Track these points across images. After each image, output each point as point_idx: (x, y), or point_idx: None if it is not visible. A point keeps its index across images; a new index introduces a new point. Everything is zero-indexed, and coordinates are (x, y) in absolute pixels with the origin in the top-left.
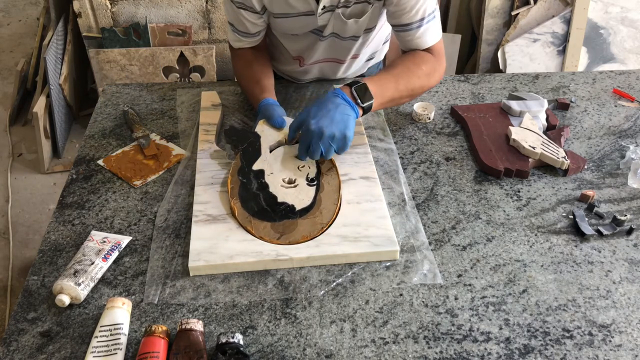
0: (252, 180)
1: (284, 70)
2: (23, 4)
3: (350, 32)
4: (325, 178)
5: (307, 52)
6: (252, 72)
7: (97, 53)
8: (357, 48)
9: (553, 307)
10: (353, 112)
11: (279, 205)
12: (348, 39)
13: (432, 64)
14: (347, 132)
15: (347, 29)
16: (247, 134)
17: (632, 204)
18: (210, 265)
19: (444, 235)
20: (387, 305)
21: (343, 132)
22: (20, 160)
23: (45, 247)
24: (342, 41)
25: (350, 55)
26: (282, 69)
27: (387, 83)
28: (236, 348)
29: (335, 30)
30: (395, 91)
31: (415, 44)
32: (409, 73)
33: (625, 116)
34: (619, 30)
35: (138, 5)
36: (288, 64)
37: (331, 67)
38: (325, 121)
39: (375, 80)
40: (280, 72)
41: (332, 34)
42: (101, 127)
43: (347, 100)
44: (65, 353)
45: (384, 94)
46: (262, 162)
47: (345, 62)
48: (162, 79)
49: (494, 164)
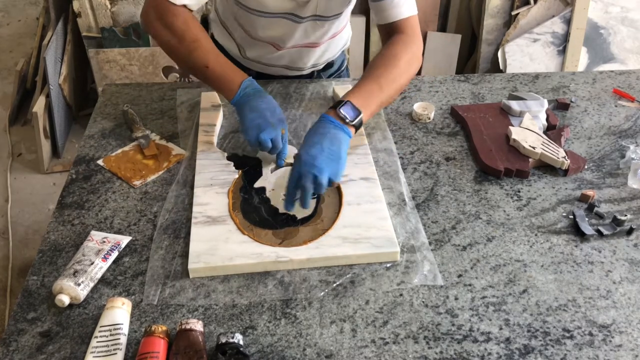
0: (254, 195)
1: (253, 57)
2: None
3: (335, 9)
4: (326, 192)
5: (282, 38)
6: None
7: (96, 53)
8: (336, 26)
9: (553, 307)
10: (344, 133)
11: (281, 215)
12: (331, 18)
13: (408, 49)
14: (340, 162)
15: (332, 7)
16: (249, 160)
17: (632, 204)
18: (210, 267)
19: (444, 235)
20: (387, 306)
21: (336, 169)
22: (20, 160)
23: (45, 247)
24: (324, 22)
25: (327, 36)
26: (251, 55)
27: (371, 90)
28: (236, 348)
29: (319, 12)
30: (382, 94)
31: (391, 15)
32: (389, 71)
33: (625, 116)
34: (619, 30)
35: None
36: (261, 49)
37: (307, 52)
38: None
39: (358, 91)
40: (247, 62)
41: (313, 16)
42: (101, 127)
43: (334, 124)
44: (65, 353)
45: (370, 103)
46: (263, 181)
47: (321, 44)
48: (162, 79)
49: (494, 164)
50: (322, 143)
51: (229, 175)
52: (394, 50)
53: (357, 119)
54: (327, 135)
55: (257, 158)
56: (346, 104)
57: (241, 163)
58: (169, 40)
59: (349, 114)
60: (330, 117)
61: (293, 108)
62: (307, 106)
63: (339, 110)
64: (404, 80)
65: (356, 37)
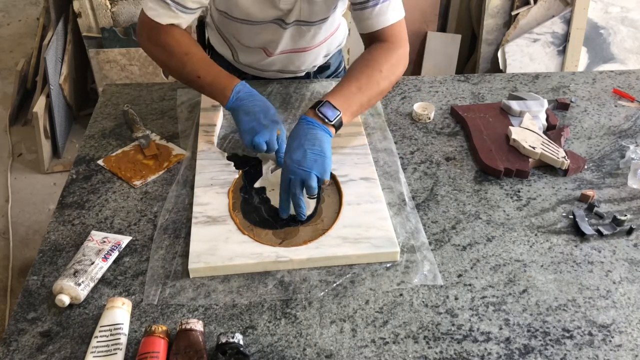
0: (254, 195)
1: (247, 63)
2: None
3: (319, 14)
4: (326, 192)
5: (271, 44)
6: (198, 49)
7: (97, 53)
8: (326, 31)
9: (553, 307)
10: (325, 132)
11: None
12: (317, 23)
13: (392, 53)
14: (326, 161)
15: (316, 12)
16: (249, 160)
17: (632, 204)
18: (210, 267)
19: (444, 235)
20: (387, 305)
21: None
22: (20, 160)
23: (45, 247)
24: (309, 26)
25: (317, 40)
26: (245, 61)
27: (350, 92)
28: (236, 348)
29: (303, 17)
30: (362, 96)
31: (375, 24)
32: (369, 74)
33: (625, 116)
34: (619, 30)
35: (138, 5)
36: (253, 55)
37: (298, 56)
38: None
39: (337, 92)
40: (241, 66)
41: (297, 21)
42: (101, 127)
43: (314, 125)
44: (65, 353)
45: (350, 104)
46: (263, 181)
47: (312, 49)
48: (162, 79)
49: (494, 164)
50: (304, 145)
51: (229, 175)
52: (376, 55)
53: (336, 118)
54: (307, 137)
55: (257, 158)
56: (325, 104)
57: (241, 163)
58: (160, 57)
59: (328, 114)
60: (309, 117)
61: (293, 108)
62: (307, 106)
63: (318, 110)
64: (387, 84)
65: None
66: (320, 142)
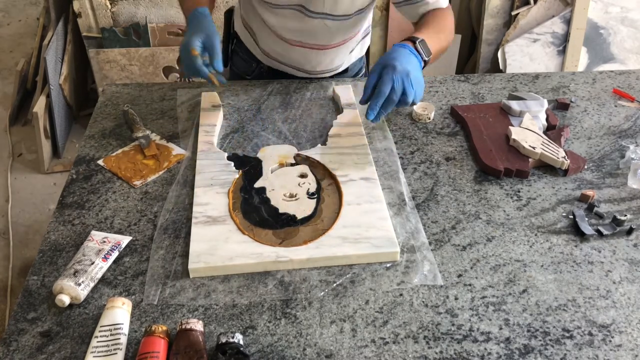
0: (254, 195)
1: (266, 50)
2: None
3: (343, 8)
4: (326, 192)
5: (292, 30)
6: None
7: (97, 53)
8: (345, 32)
9: (553, 307)
10: (420, 64)
11: (281, 215)
12: (340, 18)
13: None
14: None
15: (341, 4)
16: (249, 160)
17: (632, 204)
18: (210, 267)
19: (444, 235)
20: (387, 305)
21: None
22: (20, 160)
23: (45, 247)
24: (332, 21)
25: (335, 40)
26: (265, 48)
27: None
28: (236, 348)
29: (327, 8)
30: (438, 46)
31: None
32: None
33: (625, 116)
34: (619, 30)
35: (138, 5)
36: (273, 42)
37: (315, 54)
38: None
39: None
40: (262, 52)
41: (323, 13)
42: (101, 127)
43: (415, 53)
44: (65, 353)
45: (434, 49)
46: (263, 180)
47: (329, 48)
48: (162, 79)
49: (494, 164)
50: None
51: (229, 175)
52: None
53: (428, 57)
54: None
55: (258, 158)
56: (422, 41)
57: (241, 163)
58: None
59: (424, 52)
60: (411, 47)
61: (293, 108)
62: (307, 106)
63: (418, 44)
64: (448, 42)
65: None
66: (418, 71)
